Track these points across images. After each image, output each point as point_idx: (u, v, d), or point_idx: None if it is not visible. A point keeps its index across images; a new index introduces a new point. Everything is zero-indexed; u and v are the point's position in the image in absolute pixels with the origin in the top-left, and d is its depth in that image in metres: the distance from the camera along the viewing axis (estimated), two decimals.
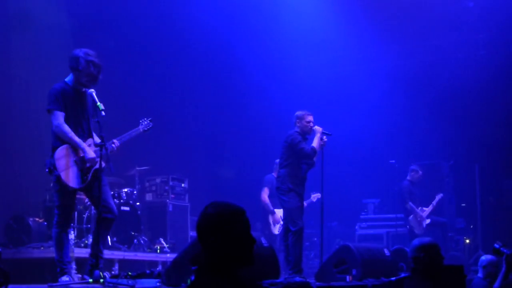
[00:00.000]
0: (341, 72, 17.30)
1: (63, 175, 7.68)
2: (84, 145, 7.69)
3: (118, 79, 13.78)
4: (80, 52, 7.70)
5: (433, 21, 16.20)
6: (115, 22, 14.50)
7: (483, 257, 9.44)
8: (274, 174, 13.86)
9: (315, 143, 10.39)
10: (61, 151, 7.72)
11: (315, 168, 10.63)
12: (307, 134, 10.50)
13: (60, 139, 7.71)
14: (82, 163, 7.70)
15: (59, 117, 7.66)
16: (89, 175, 7.75)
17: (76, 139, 7.66)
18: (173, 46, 15.95)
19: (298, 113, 10.60)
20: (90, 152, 7.70)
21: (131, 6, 14.67)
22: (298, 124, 10.51)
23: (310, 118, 10.53)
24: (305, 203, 13.17)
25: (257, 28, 16.31)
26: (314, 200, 13.57)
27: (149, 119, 8.45)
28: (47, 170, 7.78)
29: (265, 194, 13.61)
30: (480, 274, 9.23)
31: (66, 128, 7.65)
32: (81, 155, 7.69)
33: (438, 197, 14.68)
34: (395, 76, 17.04)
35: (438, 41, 16.87)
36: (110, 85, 10.56)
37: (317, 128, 10.50)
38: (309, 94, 16.58)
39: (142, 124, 8.38)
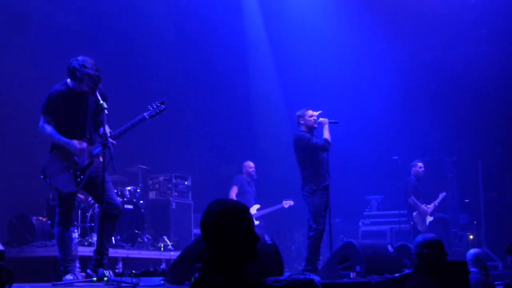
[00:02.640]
0: (344, 69, 17.29)
1: (54, 181, 7.70)
2: (67, 139, 7.67)
3: (120, 78, 13.78)
4: (76, 63, 7.55)
5: (436, 17, 16.19)
6: (117, 22, 14.49)
7: (471, 251, 9.44)
8: (243, 175, 14.11)
9: (326, 134, 10.43)
10: (51, 158, 7.76)
11: None
12: (313, 129, 10.52)
13: (53, 143, 7.76)
14: (74, 166, 7.69)
15: (43, 121, 7.69)
16: (84, 176, 7.73)
17: (58, 136, 7.66)
18: (177, 44, 15.94)
19: (298, 112, 10.61)
20: (74, 143, 7.67)
21: (133, 5, 14.65)
22: (302, 122, 10.51)
23: (311, 112, 10.55)
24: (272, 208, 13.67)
25: (260, 25, 16.30)
26: (286, 206, 13.84)
27: (161, 101, 8.11)
28: (42, 176, 7.79)
29: (233, 193, 13.94)
30: (473, 269, 9.20)
31: (48, 130, 7.67)
32: (72, 158, 7.69)
33: (441, 195, 14.66)
34: (398, 72, 17.05)
35: (441, 37, 16.88)
36: (113, 84, 10.57)
37: (323, 120, 10.52)
38: (312, 91, 16.58)
39: (150, 109, 8.04)
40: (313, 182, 10.32)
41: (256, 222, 13.75)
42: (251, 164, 14.36)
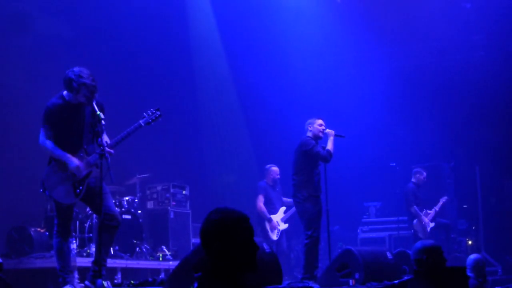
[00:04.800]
0: (340, 76, 17.31)
1: (54, 194, 7.70)
2: (68, 155, 7.67)
3: (118, 86, 13.80)
4: (72, 74, 7.54)
5: (431, 22, 16.20)
6: (111, 30, 14.50)
7: (472, 256, 9.47)
8: (267, 180, 13.90)
9: (330, 146, 10.39)
10: (50, 169, 7.76)
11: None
12: (319, 138, 10.50)
13: (51, 156, 7.75)
14: (73, 178, 7.69)
15: (44, 135, 7.69)
16: (83, 187, 7.72)
17: (59, 151, 7.66)
18: (176, 53, 15.94)
19: (309, 120, 10.62)
20: (74, 161, 7.67)
21: (129, 12, 14.64)
22: (310, 129, 10.51)
23: (321, 121, 10.56)
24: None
25: (257, 34, 16.31)
26: None
27: (156, 108, 8.16)
28: (41, 190, 7.79)
29: (260, 202, 13.58)
30: (471, 274, 9.22)
31: (48, 144, 7.67)
32: (70, 169, 7.68)
33: (442, 200, 14.66)
34: (395, 78, 17.04)
35: (437, 42, 16.90)
36: (111, 93, 10.58)
37: (329, 131, 10.52)
38: (309, 99, 16.59)
39: (145, 116, 8.07)
40: (306, 189, 10.26)
41: (285, 226, 13.65)
42: (277, 169, 13.87)
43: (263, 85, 17.02)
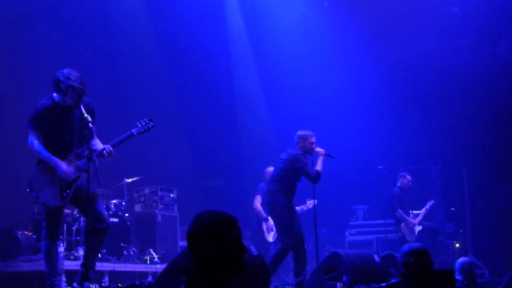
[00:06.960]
0: (328, 80, 17.31)
1: (40, 195, 7.67)
2: (55, 160, 7.64)
3: (107, 90, 13.77)
4: (61, 75, 7.52)
5: (419, 27, 16.25)
6: (104, 37, 14.50)
7: (460, 259, 9.53)
8: (266, 183, 13.87)
9: (319, 166, 10.24)
10: (38, 171, 7.73)
11: None
12: (308, 154, 10.33)
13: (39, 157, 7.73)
14: (60, 181, 7.66)
15: (32, 137, 7.66)
16: (70, 191, 7.69)
17: (46, 155, 7.62)
18: (165, 57, 15.93)
19: (301, 133, 10.38)
20: (62, 166, 7.65)
21: (118, 20, 14.63)
22: (300, 145, 10.30)
23: (314, 139, 10.35)
24: (299, 209, 13.23)
25: (246, 38, 16.33)
26: (310, 206, 13.47)
27: (150, 118, 8.06)
28: (27, 190, 7.75)
29: (257, 202, 13.60)
30: (458, 277, 9.27)
31: (36, 147, 7.63)
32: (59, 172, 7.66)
33: (429, 203, 14.67)
34: (382, 82, 17.08)
35: (425, 46, 16.94)
36: (102, 96, 10.56)
37: (320, 150, 10.33)
38: (297, 104, 16.61)
39: (138, 126, 7.99)
40: (283, 197, 10.15)
41: None
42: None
43: (251, 89, 17.05)
